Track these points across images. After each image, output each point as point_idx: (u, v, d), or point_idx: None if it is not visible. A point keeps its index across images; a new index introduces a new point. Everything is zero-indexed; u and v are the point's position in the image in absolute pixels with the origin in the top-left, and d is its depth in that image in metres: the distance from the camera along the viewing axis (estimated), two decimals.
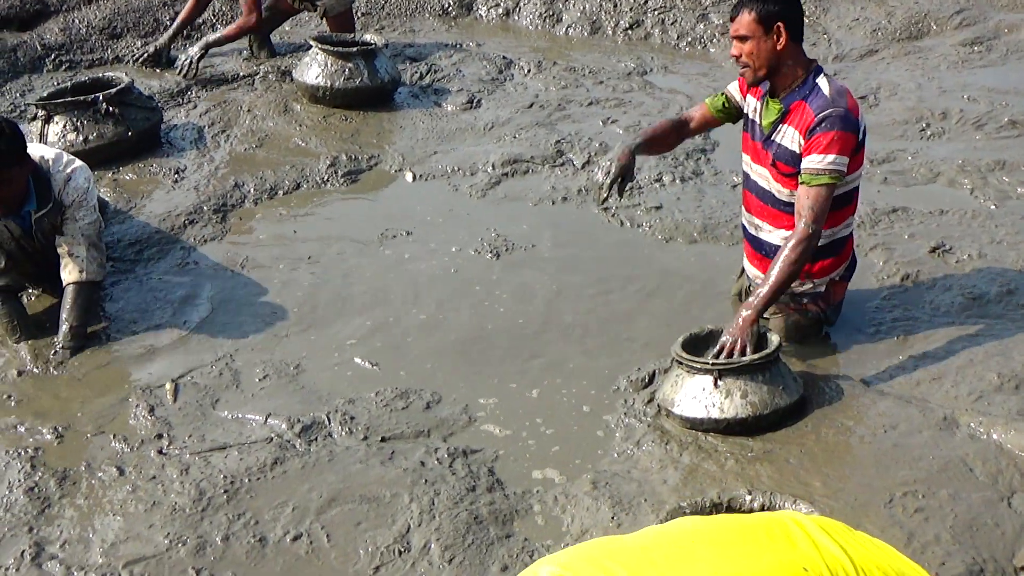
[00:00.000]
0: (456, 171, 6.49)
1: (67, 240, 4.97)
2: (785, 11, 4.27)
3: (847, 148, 4.24)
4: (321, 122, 7.19)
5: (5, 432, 4.39)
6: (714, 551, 2.40)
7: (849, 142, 4.24)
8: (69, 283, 4.96)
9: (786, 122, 4.37)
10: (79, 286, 4.96)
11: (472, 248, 5.61)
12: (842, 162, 4.23)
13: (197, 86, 7.70)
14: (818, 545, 2.41)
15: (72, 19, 8.66)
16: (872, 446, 3.99)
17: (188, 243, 5.76)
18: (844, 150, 4.23)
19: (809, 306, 4.64)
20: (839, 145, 4.22)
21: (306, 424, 4.32)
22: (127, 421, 4.42)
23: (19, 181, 4.78)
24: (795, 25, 4.31)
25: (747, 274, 4.82)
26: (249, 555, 3.70)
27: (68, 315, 4.93)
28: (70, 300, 4.95)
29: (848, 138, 4.24)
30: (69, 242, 4.96)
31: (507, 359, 4.77)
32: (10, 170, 4.68)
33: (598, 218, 5.89)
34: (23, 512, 3.92)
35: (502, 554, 3.65)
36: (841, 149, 4.22)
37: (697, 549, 2.41)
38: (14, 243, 4.94)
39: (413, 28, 9.07)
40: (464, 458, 4.11)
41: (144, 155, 6.70)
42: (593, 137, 6.81)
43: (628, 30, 8.87)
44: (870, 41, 8.39)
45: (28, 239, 4.96)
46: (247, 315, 5.13)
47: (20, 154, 4.72)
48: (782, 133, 4.39)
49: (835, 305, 4.73)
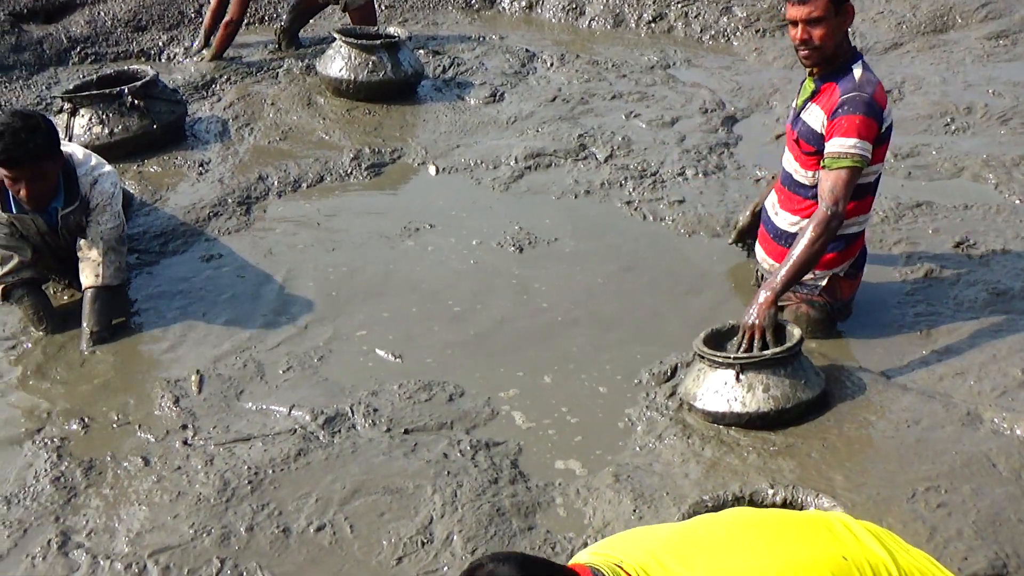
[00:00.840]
0: (479, 164, 6.51)
1: (86, 243, 4.99)
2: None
3: (870, 134, 4.23)
4: (344, 115, 7.22)
5: (32, 422, 4.43)
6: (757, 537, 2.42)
7: (872, 128, 4.23)
8: (87, 287, 4.98)
9: (815, 101, 4.40)
10: (96, 291, 4.98)
11: (495, 241, 5.63)
12: (864, 147, 4.22)
13: (221, 79, 7.73)
14: (861, 541, 2.42)
15: (98, 12, 8.72)
16: (894, 441, 3.98)
17: (212, 235, 5.79)
18: (866, 135, 4.22)
19: (815, 297, 4.63)
20: (861, 129, 4.21)
21: (330, 416, 4.35)
22: (152, 412, 4.46)
23: (51, 176, 4.81)
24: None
25: (756, 256, 4.85)
26: (273, 545, 3.72)
27: (88, 320, 4.96)
28: (89, 305, 4.97)
29: (870, 124, 4.23)
30: (88, 245, 4.99)
31: (529, 352, 4.78)
32: (43, 164, 4.71)
33: (621, 212, 5.89)
34: (49, 501, 3.96)
35: (524, 546, 3.66)
36: (862, 134, 4.21)
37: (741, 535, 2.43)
38: (39, 238, 4.98)
39: (436, 21, 9.09)
40: (487, 450, 4.13)
41: (169, 148, 6.74)
42: (616, 131, 6.81)
43: (651, 23, 8.86)
44: (895, 34, 8.37)
45: (53, 235, 5.00)
46: (271, 307, 5.16)
47: (54, 149, 4.76)
48: (809, 111, 4.42)
49: (843, 302, 4.70)
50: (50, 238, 5.01)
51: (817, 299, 4.63)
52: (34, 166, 4.68)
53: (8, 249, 4.91)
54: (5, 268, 4.91)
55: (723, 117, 6.97)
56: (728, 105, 7.21)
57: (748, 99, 7.31)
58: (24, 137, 4.60)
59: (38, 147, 4.66)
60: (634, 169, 6.29)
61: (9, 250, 4.91)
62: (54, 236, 5.01)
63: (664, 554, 2.41)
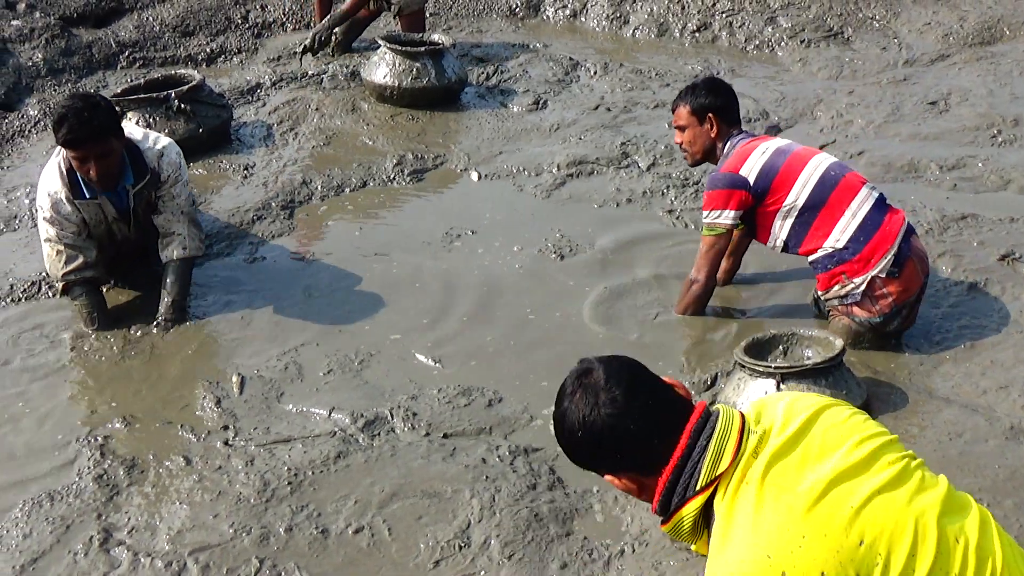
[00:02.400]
0: (521, 171, 6.52)
1: (167, 218, 5.14)
2: (714, 103, 4.83)
3: (718, 202, 4.70)
4: (388, 121, 7.26)
5: (76, 420, 4.48)
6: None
7: (720, 197, 4.70)
8: (172, 260, 5.14)
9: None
10: (182, 262, 5.16)
11: (536, 248, 5.63)
12: (713, 216, 4.73)
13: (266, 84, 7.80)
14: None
15: (146, 17, 8.82)
16: (937, 454, 3.95)
17: (256, 238, 5.84)
18: (716, 205, 4.71)
19: (854, 309, 4.59)
20: (709, 202, 4.74)
21: (369, 419, 4.36)
22: (194, 412, 4.50)
23: (117, 153, 4.89)
24: (726, 113, 4.87)
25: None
26: (312, 546, 3.74)
27: (171, 290, 5.12)
28: (173, 276, 5.14)
29: (716, 195, 4.71)
30: (169, 220, 5.14)
31: (569, 359, 4.73)
32: (108, 142, 4.80)
33: (663, 221, 5.89)
34: (92, 498, 4.00)
35: (562, 552, 3.66)
36: (712, 206, 4.72)
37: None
38: (105, 226, 5.07)
39: (480, 28, 9.12)
40: (525, 456, 4.13)
41: (214, 152, 6.80)
42: (659, 139, 6.80)
43: (695, 32, 8.85)
44: (941, 46, 8.30)
45: (121, 221, 5.09)
46: (312, 310, 5.19)
47: (117, 126, 4.87)
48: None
49: (889, 313, 4.59)
50: (118, 227, 5.11)
51: (858, 312, 4.59)
52: (100, 144, 4.76)
53: (74, 249, 4.98)
54: (70, 266, 4.98)
55: (766, 127, 6.93)
56: (772, 115, 7.19)
57: (792, 109, 7.29)
58: (87, 116, 4.70)
59: (102, 125, 4.75)
60: (676, 178, 6.28)
61: (75, 250, 4.98)
62: (123, 223, 5.11)
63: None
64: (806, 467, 2.37)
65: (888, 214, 4.61)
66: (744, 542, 2.32)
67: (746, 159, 4.69)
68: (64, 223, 4.96)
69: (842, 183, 4.62)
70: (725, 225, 4.73)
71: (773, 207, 4.66)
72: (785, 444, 2.40)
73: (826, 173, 4.64)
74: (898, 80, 7.68)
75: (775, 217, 4.68)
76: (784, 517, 2.31)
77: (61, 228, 4.95)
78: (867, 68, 7.94)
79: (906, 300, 4.60)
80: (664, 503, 2.49)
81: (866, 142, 6.73)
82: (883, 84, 7.61)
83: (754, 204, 4.69)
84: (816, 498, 2.31)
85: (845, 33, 8.54)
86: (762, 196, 4.66)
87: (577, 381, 2.57)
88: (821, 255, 4.61)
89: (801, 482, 2.34)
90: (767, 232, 4.75)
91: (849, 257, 4.54)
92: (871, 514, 2.30)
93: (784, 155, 4.69)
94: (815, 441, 2.42)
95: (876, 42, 8.34)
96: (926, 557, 2.28)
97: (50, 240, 4.99)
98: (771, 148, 4.72)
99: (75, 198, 4.96)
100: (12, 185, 6.53)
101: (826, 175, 4.63)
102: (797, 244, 4.68)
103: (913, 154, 6.48)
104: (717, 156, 4.88)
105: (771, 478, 2.36)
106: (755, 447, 2.41)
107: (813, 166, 4.66)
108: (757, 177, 4.65)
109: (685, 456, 2.44)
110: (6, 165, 6.86)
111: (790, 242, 4.70)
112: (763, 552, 2.28)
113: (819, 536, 2.27)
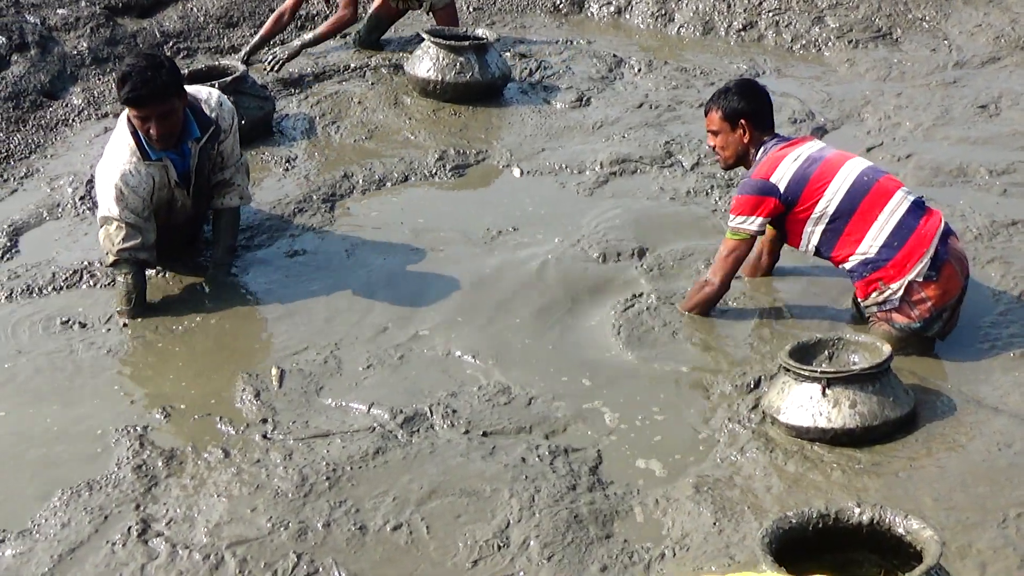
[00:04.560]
0: (563, 168, 6.47)
1: (230, 172, 5.39)
2: (747, 108, 4.79)
3: (746, 208, 4.68)
4: (430, 115, 7.23)
5: (116, 409, 4.48)
6: None
7: (749, 202, 4.67)
8: (230, 207, 5.44)
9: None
10: (237, 211, 5.51)
11: (578, 246, 5.58)
12: (739, 220, 4.70)
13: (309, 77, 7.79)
14: None
15: (190, 7, 8.83)
16: (985, 464, 3.89)
17: (297, 231, 5.83)
18: (743, 211, 4.68)
19: (894, 316, 4.52)
20: (738, 207, 4.72)
21: (408, 415, 4.34)
22: (233, 404, 4.49)
23: (177, 113, 4.97)
24: (759, 118, 4.82)
25: None
26: (349, 542, 3.72)
27: (229, 236, 5.47)
28: (231, 222, 5.48)
29: (746, 201, 4.68)
30: (232, 172, 5.40)
31: (610, 359, 4.74)
32: (171, 101, 4.89)
33: (707, 221, 5.82)
34: (131, 489, 3.99)
35: (601, 554, 3.62)
36: (740, 211, 4.69)
37: None
38: (167, 191, 5.12)
39: (524, 24, 9.07)
40: (565, 456, 4.09)
41: (256, 143, 6.79)
42: (703, 138, 6.68)
43: (741, 31, 8.76)
44: (992, 48, 8.16)
45: (182, 187, 5.15)
46: (352, 304, 5.17)
47: (179, 86, 4.96)
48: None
49: (929, 318, 4.51)
50: (179, 193, 5.18)
51: (898, 318, 4.52)
52: (162, 103, 4.85)
53: (134, 229, 5.01)
54: (127, 243, 5.01)
55: (812, 128, 6.85)
56: (818, 116, 7.10)
57: (839, 110, 7.19)
58: (150, 76, 4.79)
59: (165, 84, 4.84)
60: (720, 178, 6.22)
61: (135, 230, 5.01)
62: (183, 189, 5.17)
63: None
64: None
65: (924, 217, 4.54)
66: None
67: (777, 166, 4.66)
68: (131, 198, 4.98)
69: (874, 188, 4.57)
70: (751, 231, 4.72)
71: (804, 214, 4.62)
72: None
73: (858, 179, 4.58)
74: (947, 82, 7.56)
75: (806, 224, 4.65)
76: None
77: (127, 206, 4.98)
78: (916, 70, 7.82)
79: (946, 304, 4.52)
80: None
81: (914, 145, 6.63)
82: (932, 86, 7.50)
83: (784, 211, 4.65)
84: None
85: (894, 34, 8.42)
86: (792, 203, 4.63)
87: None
88: (855, 262, 4.56)
89: None
90: (798, 238, 4.73)
91: (884, 263, 4.49)
92: None
93: (816, 162, 4.64)
94: None
95: (925, 43, 8.22)
96: None
97: (111, 219, 5.01)
98: (803, 155, 4.68)
99: (145, 159, 5.01)
100: (56, 173, 6.54)
101: (858, 181, 4.58)
102: (829, 250, 4.64)
103: (962, 158, 6.38)
104: (750, 161, 4.85)
105: None
106: None
107: (845, 173, 4.61)
108: (788, 184, 4.62)
109: None
110: (50, 154, 6.88)
111: (822, 248, 4.66)
112: None
113: None
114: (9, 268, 5.48)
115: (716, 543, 3.62)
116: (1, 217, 5.98)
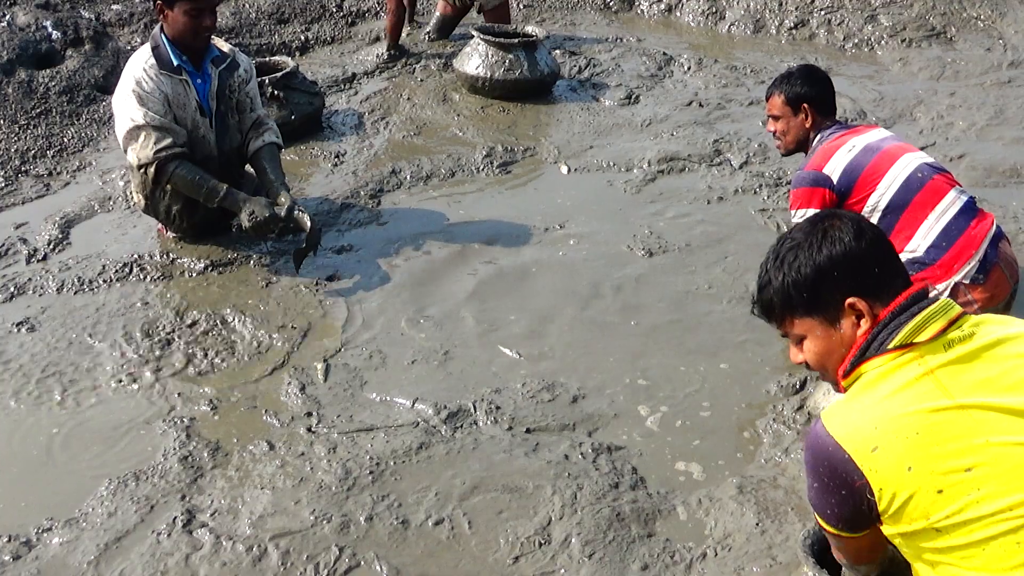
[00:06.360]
0: (611, 166, 6.46)
1: (257, 113, 5.62)
2: (810, 92, 4.78)
3: (802, 201, 4.63)
4: (479, 112, 7.24)
5: (163, 401, 4.52)
6: None
7: (803, 195, 4.62)
8: (267, 143, 5.55)
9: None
10: (277, 147, 5.60)
11: (625, 244, 5.57)
12: (798, 215, 4.60)
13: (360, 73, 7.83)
14: None
15: (242, 4, 8.90)
16: None
17: (344, 226, 5.86)
18: (800, 203, 4.64)
19: None
20: (794, 201, 4.68)
21: (452, 411, 4.34)
22: (279, 398, 4.51)
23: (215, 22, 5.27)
24: (822, 103, 4.80)
25: None
26: (392, 536, 3.73)
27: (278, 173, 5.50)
28: (275, 159, 5.55)
29: (800, 193, 4.63)
30: (261, 113, 5.64)
31: (655, 358, 4.72)
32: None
33: (754, 220, 5.79)
34: (177, 480, 4.03)
35: (643, 553, 3.61)
36: (797, 204, 4.66)
37: None
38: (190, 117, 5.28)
39: (574, 21, 9.06)
40: (608, 454, 4.08)
41: (306, 138, 6.84)
42: (752, 137, 6.70)
43: (792, 30, 8.70)
44: None
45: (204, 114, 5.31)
46: (398, 299, 5.19)
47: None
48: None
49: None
50: (201, 121, 5.32)
51: None
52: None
53: (163, 130, 5.13)
54: (161, 144, 5.15)
55: None
56: (870, 115, 7.04)
57: (891, 110, 7.12)
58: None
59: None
60: (769, 177, 6.18)
61: (164, 131, 5.14)
62: (205, 118, 5.33)
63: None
64: (984, 386, 2.32)
65: (975, 219, 4.47)
66: (868, 404, 2.36)
67: (831, 156, 4.61)
68: (150, 101, 5.12)
69: (928, 185, 4.50)
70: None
71: (857, 206, 4.55)
72: (978, 355, 2.37)
73: (913, 174, 4.51)
74: (1002, 82, 7.47)
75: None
76: (918, 408, 2.30)
77: (149, 107, 5.11)
78: (970, 69, 7.73)
79: (992, 308, 4.45)
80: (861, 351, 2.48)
81: (967, 145, 6.55)
82: (986, 86, 7.41)
83: (838, 202, 4.60)
84: (960, 411, 2.28)
85: (948, 33, 8.33)
86: (845, 194, 4.58)
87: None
88: (903, 260, 4.47)
89: (964, 394, 2.30)
90: None
91: (930, 263, 4.42)
92: (1001, 457, 2.24)
93: (872, 152, 4.58)
94: (1015, 374, 2.35)
95: (980, 43, 8.13)
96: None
97: (138, 126, 5.13)
98: (859, 145, 4.61)
99: (162, 69, 5.17)
100: (108, 167, 6.62)
101: (913, 176, 4.50)
102: None
103: (1016, 159, 6.30)
104: (809, 146, 4.85)
105: (942, 374, 2.34)
106: (953, 340, 2.39)
107: (901, 166, 4.54)
108: (841, 175, 4.57)
109: (896, 311, 2.47)
110: (103, 147, 6.96)
111: None
112: (873, 421, 2.31)
113: (931, 442, 2.26)
114: (60, 260, 5.55)
115: (759, 544, 3.60)
116: (54, 209, 6.07)
